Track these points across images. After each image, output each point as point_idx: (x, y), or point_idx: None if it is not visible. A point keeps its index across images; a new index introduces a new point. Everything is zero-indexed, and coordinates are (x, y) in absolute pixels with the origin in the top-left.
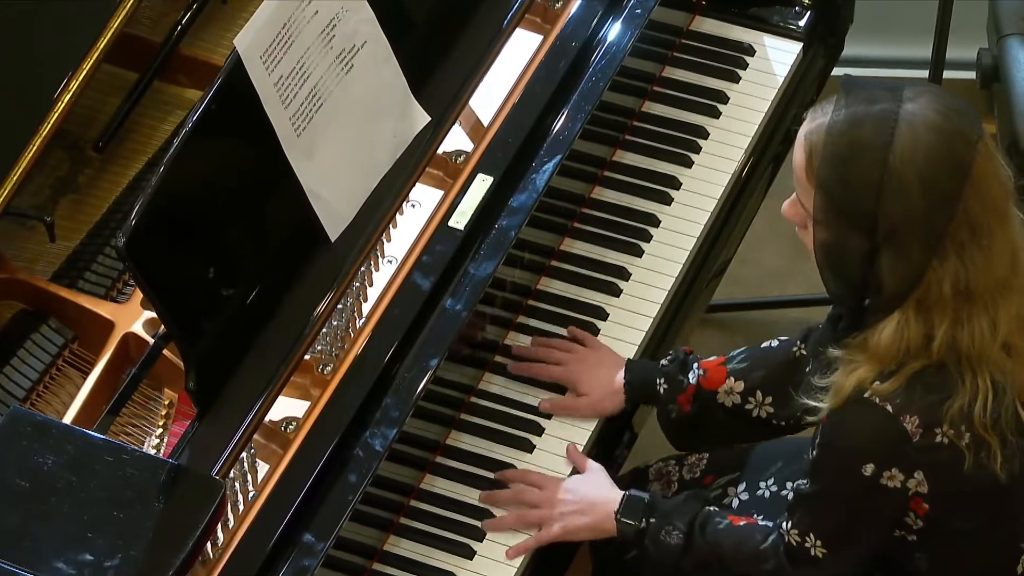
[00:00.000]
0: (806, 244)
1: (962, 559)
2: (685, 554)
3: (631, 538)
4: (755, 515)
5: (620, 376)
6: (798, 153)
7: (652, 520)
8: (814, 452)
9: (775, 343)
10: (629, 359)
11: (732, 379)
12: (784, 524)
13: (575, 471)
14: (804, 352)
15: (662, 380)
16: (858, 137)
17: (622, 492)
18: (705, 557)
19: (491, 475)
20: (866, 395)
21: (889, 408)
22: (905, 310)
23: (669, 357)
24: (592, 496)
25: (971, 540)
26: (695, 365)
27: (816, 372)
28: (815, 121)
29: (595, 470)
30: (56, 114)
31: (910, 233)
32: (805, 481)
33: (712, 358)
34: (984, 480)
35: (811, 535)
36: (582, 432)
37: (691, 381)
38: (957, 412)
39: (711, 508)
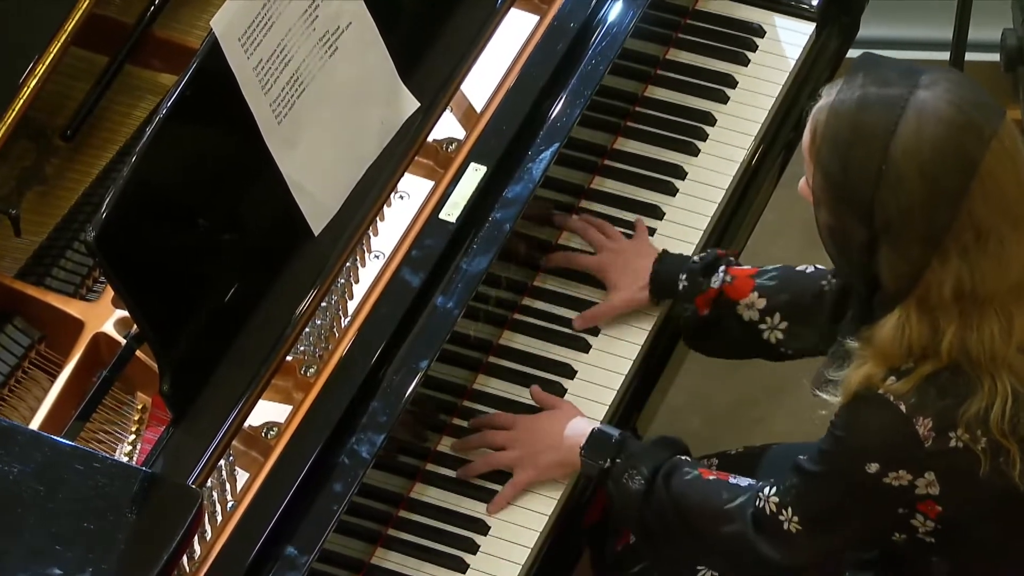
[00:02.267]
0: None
1: (982, 569)
2: (644, 503)
3: (595, 476)
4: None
5: (649, 266)
6: (807, 130)
7: (618, 460)
8: (824, 437)
9: (809, 269)
10: (664, 249)
11: (756, 294)
12: (765, 489)
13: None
14: (831, 287)
15: (684, 277)
16: (862, 120)
17: (592, 426)
18: (665, 510)
19: (485, 483)
20: (880, 392)
21: (903, 408)
22: (906, 308)
23: (701, 255)
24: (562, 431)
25: (990, 550)
26: (722, 270)
27: (831, 364)
28: (827, 97)
29: (564, 405)
30: (21, 101)
31: (907, 229)
32: (808, 458)
33: (745, 267)
34: (1002, 488)
35: (789, 509)
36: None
37: (713, 284)
38: (974, 415)
39: (682, 457)
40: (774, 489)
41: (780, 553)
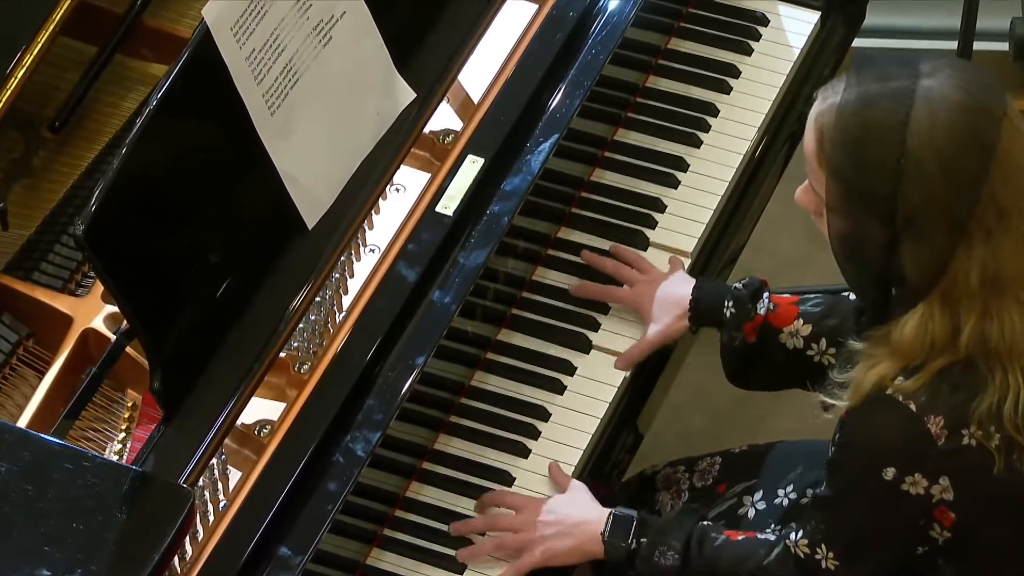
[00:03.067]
0: (823, 232)
1: (988, 572)
2: (682, 575)
3: (622, 560)
4: (773, 525)
5: (688, 293)
6: (808, 137)
7: (643, 540)
8: (832, 451)
9: (852, 296)
10: (700, 276)
11: (800, 321)
12: (792, 535)
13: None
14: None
15: (731, 303)
16: (872, 117)
17: (607, 511)
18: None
19: (483, 482)
20: (888, 392)
21: (913, 407)
22: (930, 303)
23: (743, 281)
24: (575, 516)
25: (997, 553)
26: (766, 297)
27: (836, 366)
28: (826, 102)
29: (576, 488)
30: (8, 91)
31: (932, 219)
32: (824, 486)
33: (785, 295)
34: (1016, 486)
35: (823, 546)
36: (581, 435)
37: (760, 312)
38: (986, 411)
39: (706, 523)
40: (800, 532)
41: None
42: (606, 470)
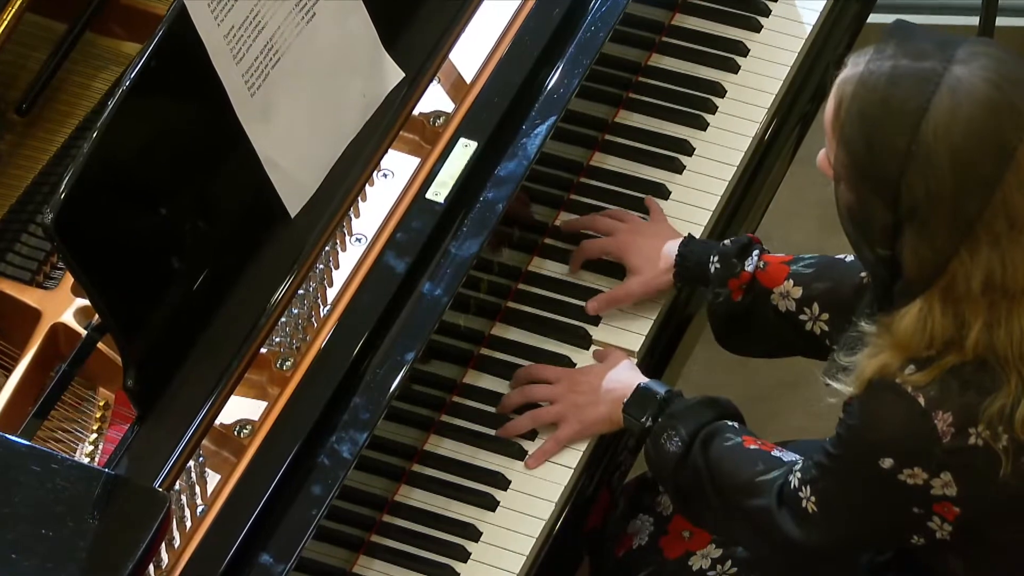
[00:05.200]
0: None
1: (1000, 570)
2: (679, 466)
3: (636, 435)
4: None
5: (675, 248)
6: (830, 102)
7: (659, 419)
8: (839, 427)
9: (849, 258)
10: (690, 233)
11: (791, 282)
12: (797, 464)
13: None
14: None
15: (716, 259)
16: (892, 95)
17: (638, 380)
18: (699, 475)
19: (476, 485)
20: (898, 381)
21: (921, 400)
22: (929, 298)
23: (731, 239)
24: (608, 383)
25: (1009, 552)
26: (756, 254)
27: (844, 347)
28: (854, 68)
29: (616, 356)
30: None
31: (935, 215)
32: (830, 441)
33: (778, 255)
34: (1021, 490)
35: (808, 487)
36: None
37: (747, 268)
38: (997, 412)
39: (727, 422)
40: (801, 464)
41: (799, 531)
42: (608, 473)
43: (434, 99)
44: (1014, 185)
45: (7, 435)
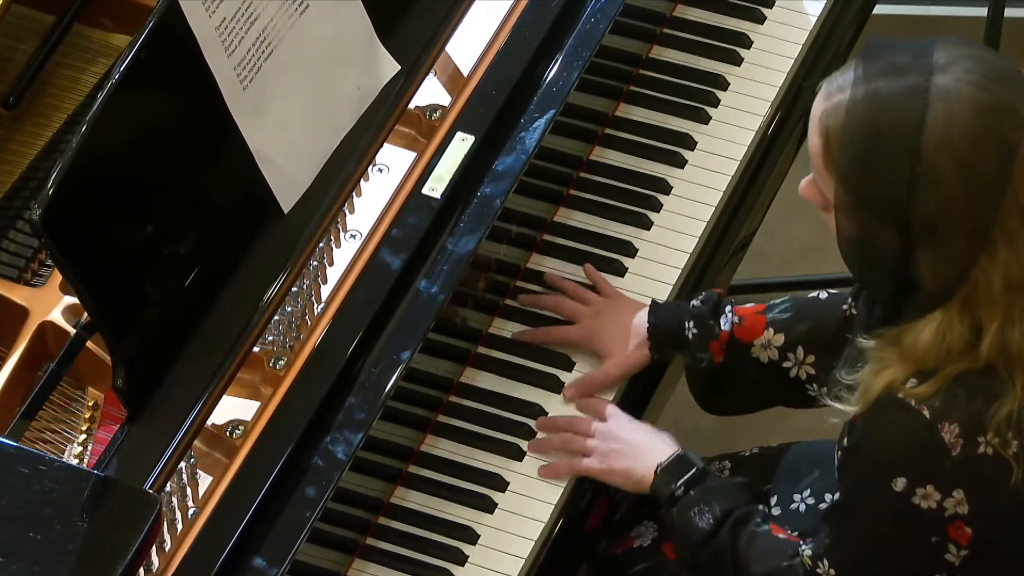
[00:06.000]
0: (829, 227)
1: None
2: (704, 542)
3: (664, 498)
4: (789, 531)
5: (644, 320)
6: (813, 138)
7: (692, 492)
8: (839, 455)
9: (823, 295)
10: (654, 300)
11: (771, 330)
12: (804, 545)
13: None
14: (855, 312)
15: (691, 324)
16: (883, 123)
17: (675, 450)
18: (723, 556)
19: (473, 487)
20: (900, 395)
21: (926, 413)
22: (948, 309)
23: (700, 298)
24: (640, 442)
25: (1015, 565)
26: (728, 310)
27: (844, 364)
28: (831, 100)
29: (643, 424)
30: None
31: (951, 228)
32: (835, 494)
33: (748, 305)
34: None
35: (825, 560)
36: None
37: (724, 327)
38: (1004, 418)
39: (759, 507)
40: (810, 542)
41: None
42: None
43: (430, 92)
44: (1022, 179)
45: None
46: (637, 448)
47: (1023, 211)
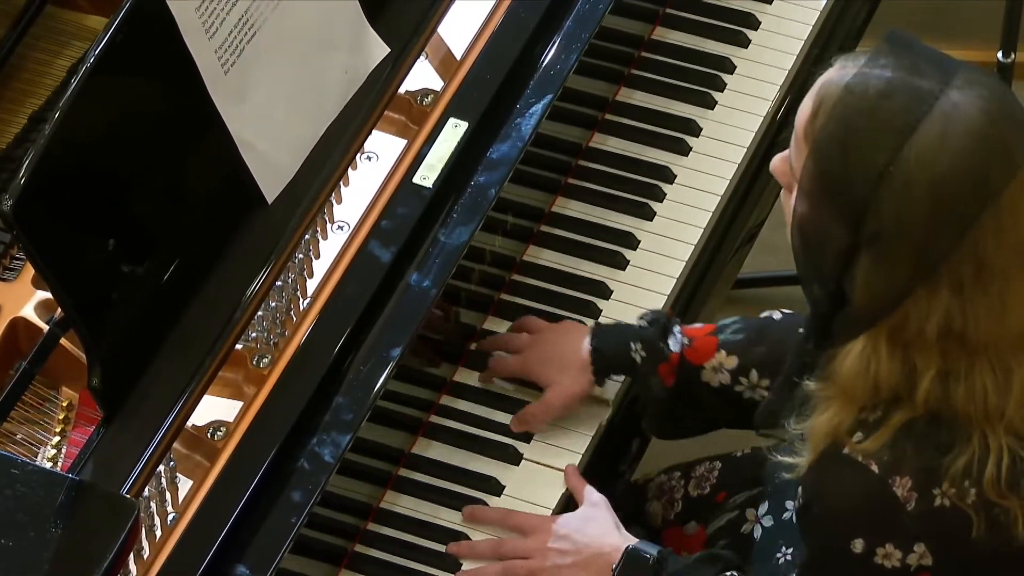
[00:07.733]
0: (786, 211)
1: None
2: None
3: None
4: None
5: (586, 345)
6: (806, 104)
7: None
8: (796, 514)
9: (777, 315)
10: (597, 323)
11: (723, 352)
12: None
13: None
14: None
15: (638, 346)
16: (880, 107)
17: (625, 541)
18: None
19: (467, 491)
20: (846, 451)
21: (875, 467)
22: (874, 337)
23: (646, 318)
24: (592, 544)
25: None
26: (677, 331)
27: (791, 413)
28: (841, 70)
29: (596, 504)
30: None
31: (900, 243)
32: (797, 568)
33: (697, 325)
34: (1003, 544)
35: None
36: (581, 437)
37: (674, 349)
38: (962, 470)
39: (730, 573)
40: None
41: None
42: (609, 480)
43: (421, 76)
44: (990, 230)
45: None
46: (590, 552)
47: (979, 263)
